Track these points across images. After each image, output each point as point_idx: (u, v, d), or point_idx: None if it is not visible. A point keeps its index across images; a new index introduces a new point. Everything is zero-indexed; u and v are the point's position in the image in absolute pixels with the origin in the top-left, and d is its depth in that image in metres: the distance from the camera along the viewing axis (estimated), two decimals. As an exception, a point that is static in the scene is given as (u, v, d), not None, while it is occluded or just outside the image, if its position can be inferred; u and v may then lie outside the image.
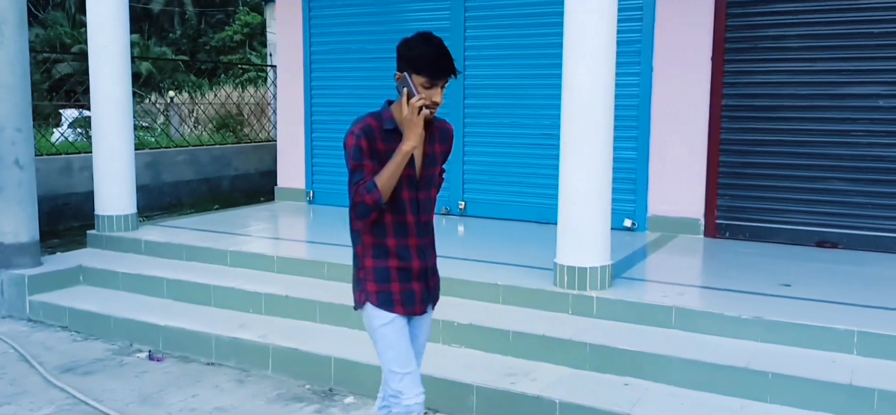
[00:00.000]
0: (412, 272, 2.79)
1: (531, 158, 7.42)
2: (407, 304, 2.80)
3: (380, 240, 2.75)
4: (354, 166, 2.65)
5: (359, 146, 2.64)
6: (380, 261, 2.76)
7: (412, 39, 2.65)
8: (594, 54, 4.65)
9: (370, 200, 2.61)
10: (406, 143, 2.61)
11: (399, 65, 2.66)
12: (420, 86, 2.61)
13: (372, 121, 2.70)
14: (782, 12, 6.30)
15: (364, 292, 2.79)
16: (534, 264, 5.43)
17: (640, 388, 4.06)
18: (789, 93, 6.34)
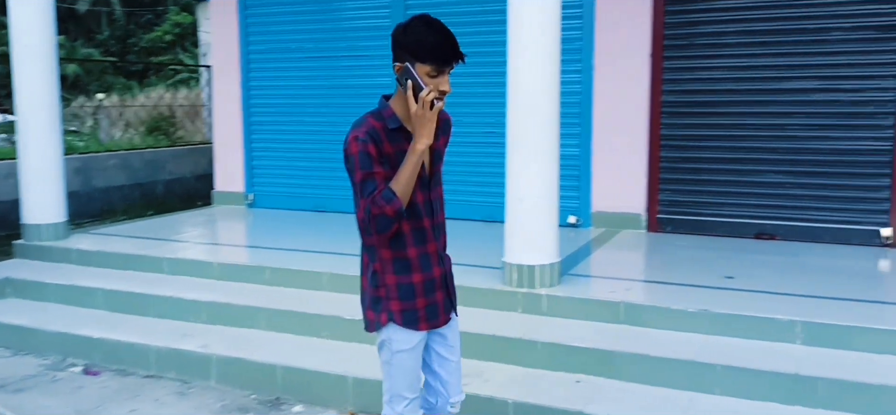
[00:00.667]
0: (435, 282, 2.57)
1: (475, 156, 7.38)
2: (431, 318, 2.57)
3: (400, 252, 2.49)
4: (364, 176, 2.35)
5: (367, 152, 2.35)
6: (403, 276, 2.50)
7: (410, 24, 2.36)
8: (539, 51, 4.64)
9: (391, 211, 2.33)
10: (419, 141, 2.34)
11: (397, 54, 2.38)
12: (425, 75, 2.34)
13: (374, 121, 2.41)
14: (719, 10, 6.42)
15: (386, 312, 2.52)
16: (482, 264, 5.39)
17: (591, 384, 4.06)
18: (727, 88, 6.47)
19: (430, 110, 2.31)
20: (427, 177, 2.51)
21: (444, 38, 2.34)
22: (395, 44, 2.39)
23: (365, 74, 7.81)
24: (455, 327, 2.72)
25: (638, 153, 6.72)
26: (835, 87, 6.14)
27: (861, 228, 6.13)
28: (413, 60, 2.34)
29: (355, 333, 4.68)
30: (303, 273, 5.44)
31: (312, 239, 6.64)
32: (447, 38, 2.35)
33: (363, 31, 7.77)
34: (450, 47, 2.34)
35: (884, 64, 5.97)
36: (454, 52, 2.35)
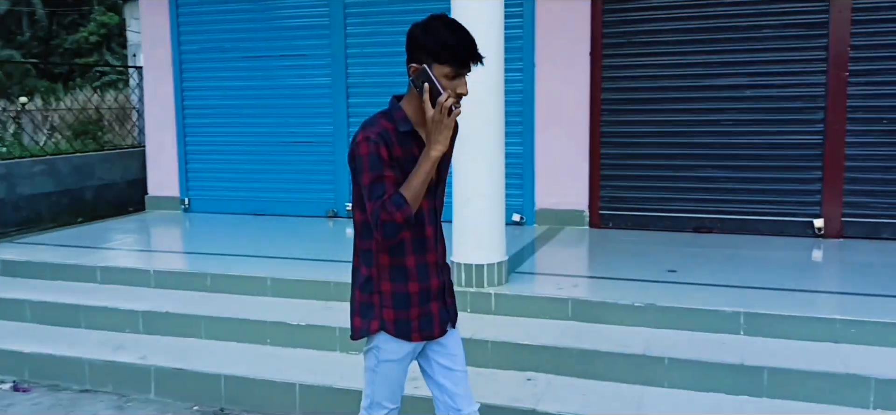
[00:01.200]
0: (432, 293, 2.45)
1: (418, 156, 7.32)
2: (424, 329, 2.45)
3: (398, 259, 2.38)
4: (373, 178, 2.23)
5: (377, 155, 2.22)
6: (398, 284, 2.39)
7: (429, 24, 2.25)
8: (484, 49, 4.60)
9: (401, 217, 2.21)
10: (434, 148, 2.22)
11: (413, 55, 2.27)
12: (442, 77, 2.23)
13: (386, 123, 2.30)
14: (655, 8, 6.54)
15: (378, 319, 2.41)
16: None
17: (542, 382, 4.06)
18: (663, 86, 6.59)
19: (447, 116, 2.21)
20: (433, 184, 2.40)
21: (466, 39, 2.25)
22: (413, 44, 2.28)
23: (303, 74, 7.67)
24: (456, 336, 2.61)
25: (580, 151, 6.79)
26: (766, 83, 6.32)
27: (795, 219, 6.33)
28: (431, 62, 2.23)
29: (302, 338, 4.59)
30: (245, 278, 5.29)
31: (253, 243, 6.47)
32: (468, 38, 2.25)
33: (301, 29, 7.63)
34: (471, 48, 2.25)
35: (812, 60, 6.17)
36: (474, 53, 2.25)
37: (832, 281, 5.37)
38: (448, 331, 2.54)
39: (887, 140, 6.08)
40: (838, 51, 6.09)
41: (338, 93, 7.54)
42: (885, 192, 6.11)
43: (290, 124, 7.79)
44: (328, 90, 7.59)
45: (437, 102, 2.20)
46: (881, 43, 5.99)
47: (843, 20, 6.05)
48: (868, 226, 6.17)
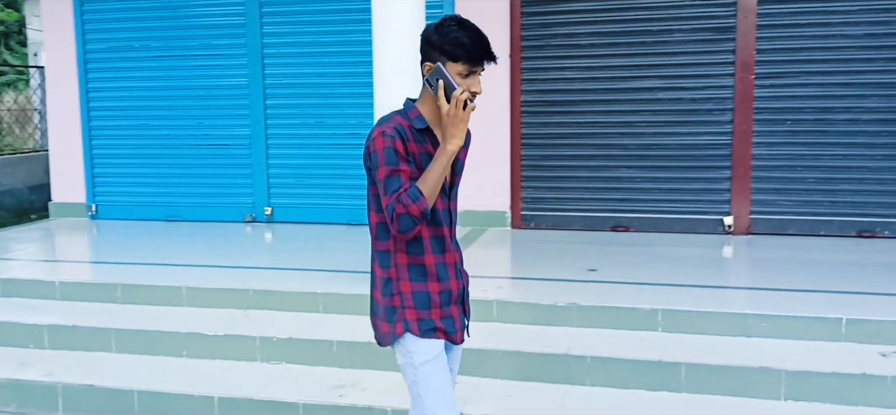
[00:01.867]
0: (452, 295, 2.42)
1: (340, 158, 7.23)
2: (448, 331, 2.42)
3: (417, 259, 2.35)
4: (390, 172, 2.23)
5: (394, 148, 2.23)
6: (418, 284, 2.36)
7: (444, 24, 2.29)
8: (405, 48, 4.58)
9: (416, 210, 2.20)
10: (451, 142, 2.23)
11: (428, 54, 2.31)
12: (457, 75, 2.26)
13: (401, 119, 2.32)
14: (572, 12, 6.65)
15: (402, 322, 2.36)
16: (353, 269, 5.27)
17: (468, 385, 4.05)
18: (581, 88, 6.72)
19: (462, 110, 2.22)
20: (447, 185, 2.41)
21: (480, 37, 2.29)
22: (427, 44, 2.32)
23: (218, 75, 7.45)
24: (459, 353, 2.60)
25: (501, 152, 6.84)
26: (678, 86, 6.53)
27: (706, 217, 6.56)
28: (445, 60, 2.27)
29: (221, 349, 4.44)
30: (158, 288, 5.08)
31: (167, 251, 6.24)
32: (482, 37, 2.29)
33: (215, 28, 7.40)
34: (485, 46, 2.29)
35: (722, 63, 6.42)
36: (488, 51, 2.29)
37: (743, 277, 5.58)
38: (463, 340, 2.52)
39: (791, 140, 6.37)
40: (745, 55, 6.35)
41: (254, 93, 7.36)
42: (790, 189, 6.41)
43: (205, 126, 7.55)
44: (244, 91, 7.40)
45: (453, 96, 2.21)
46: (785, 47, 6.28)
47: (749, 25, 6.31)
48: (775, 222, 6.45)
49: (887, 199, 6.24)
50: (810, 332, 4.16)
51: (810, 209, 6.41)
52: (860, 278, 4.99)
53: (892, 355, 3.91)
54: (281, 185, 7.45)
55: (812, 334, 4.15)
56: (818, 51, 6.25)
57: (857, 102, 6.23)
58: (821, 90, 6.28)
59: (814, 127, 6.33)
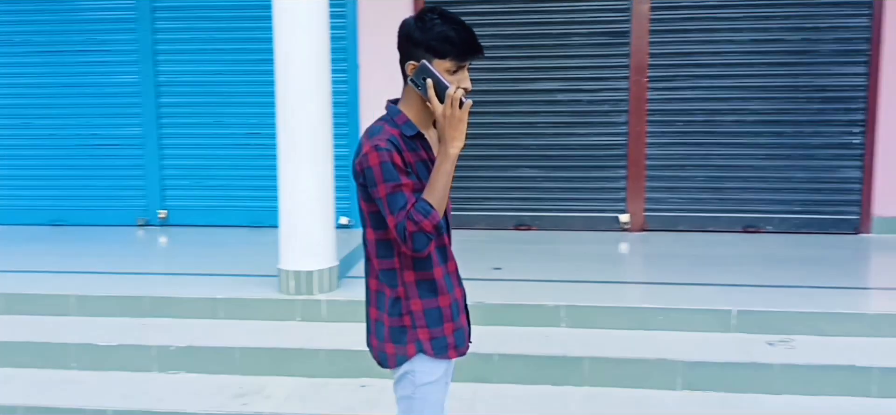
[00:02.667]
0: (459, 304, 2.28)
1: (239, 159, 7.03)
2: (459, 345, 2.28)
3: (425, 274, 2.18)
4: (392, 189, 2.04)
5: (391, 162, 2.04)
6: (429, 300, 2.19)
7: (425, 18, 2.09)
8: (310, 47, 4.50)
9: (429, 225, 2.02)
10: (452, 145, 2.05)
11: (410, 52, 2.11)
12: (445, 72, 2.08)
13: (390, 128, 2.11)
14: (474, 13, 6.70)
15: (414, 343, 2.19)
16: (253, 273, 5.14)
17: (376, 388, 4.02)
18: (483, 89, 6.75)
19: (459, 109, 2.05)
20: None
21: (466, 29, 2.11)
22: (408, 41, 2.12)
23: (106, 71, 7.10)
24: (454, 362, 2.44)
25: (405, 152, 6.81)
26: (576, 88, 6.71)
27: (604, 215, 6.77)
28: (430, 57, 2.08)
29: (114, 360, 4.22)
30: (44, 297, 4.78)
31: (52, 257, 5.89)
32: (468, 29, 2.11)
33: (103, 23, 7.04)
34: (472, 38, 2.11)
35: (617, 67, 6.64)
36: (476, 43, 2.11)
37: (640, 272, 5.79)
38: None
39: (682, 141, 6.67)
40: (639, 58, 6.59)
41: (146, 91, 7.05)
42: (681, 188, 6.71)
43: (93, 125, 7.17)
44: (135, 88, 7.07)
45: (447, 96, 2.04)
46: (675, 52, 6.56)
47: (642, 30, 6.56)
48: (667, 219, 6.73)
49: (770, 195, 6.63)
50: (703, 324, 4.36)
51: (700, 206, 6.73)
52: (747, 272, 5.28)
53: (779, 343, 4.15)
54: (176, 186, 7.16)
55: (705, 325, 4.36)
56: (706, 56, 6.56)
57: (742, 104, 6.59)
58: (709, 93, 6.60)
59: (702, 128, 6.65)
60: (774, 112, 6.57)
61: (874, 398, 3.79)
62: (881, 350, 4.01)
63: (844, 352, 4.00)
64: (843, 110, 6.49)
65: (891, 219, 6.43)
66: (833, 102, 6.49)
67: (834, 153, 6.55)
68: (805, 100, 6.53)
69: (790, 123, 6.57)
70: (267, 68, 6.73)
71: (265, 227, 6.99)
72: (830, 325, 4.25)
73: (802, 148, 6.58)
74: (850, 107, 6.48)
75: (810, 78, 6.49)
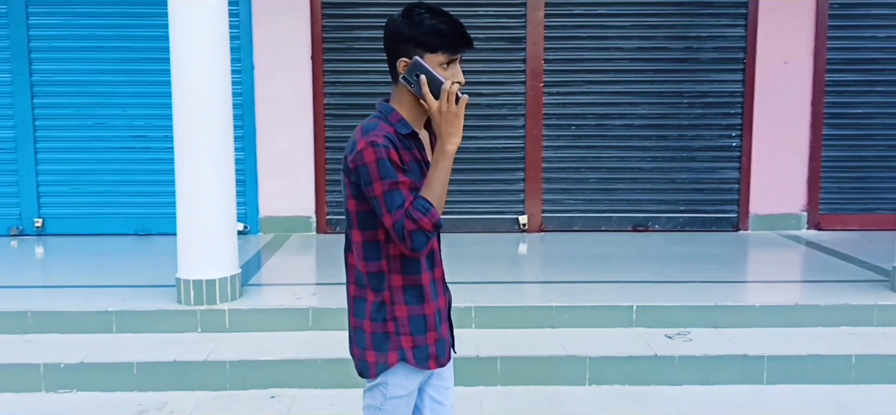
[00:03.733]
0: (442, 313, 2.19)
1: (123, 163, 6.66)
2: (440, 355, 2.17)
3: (412, 278, 2.09)
4: (388, 187, 1.96)
5: (388, 159, 1.96)
6: (414, 307, 2.10)
7: (412, 14, 2.03)
8: (209, 43, 4.31)
9: (429, 223, 1.95)
10: (449, 141, 1.99)
11: (399, 50, 2.04)
12: (437, 67, 2.01)
13: (387, 126, 2.03)
14: (374, 16, 6.66)
15: (396, 350, 2.09)
16: (147, 283, 4.88)
17: (287, 397, 3.91)
18: (384, 91, 6.70)
19: (455, 104, 1.97)
20: None
21: (456, 22, 2.03)
22: (397, 39, 2.05)
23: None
24: (450, 367, 2.34)
25: (304, 156, 6.68)
26: (476, 92, 6.77)
27: (504, 217, 6.89)
28: (422, 53, 2.00)
29: (-4, 382, 3.88)
30: None
31: (-87, 272, 5.34)
32: (457, 21, 2.04)
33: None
34: (463, 30, 2.04)
35: (514, 71, 6.78)
36: (466, 35, 2.04)
37: (544, 272, 5.89)
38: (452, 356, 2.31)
39: (576, 144, 6.89)
40: (535, 64, 6.75)
41: (20, 91, 6.55)
42: (575, 189, 6.93)
43: (-41, 128, 6.60)
44: (7, 88, 6.56)
45: (442, 91, 1.97)
46: (569, 58, 6.76)
47: (538, 36, 6.72)
48: (563, 220, 6.93)
49: (657, 196, 6.96)
50: (606, 320, 4.51)
51: (593, 207, 6.97)
52: (642, 269, 5.50)
53: (676, 336, 4.35)
54: (54, 193, 6.69)
55: (608, 321, 4.51)
56: (597, 62, 6.81)
57: (630, 109, 6.88)
58: (600, 98, 6.85)
59: (595, 131, 6.90)
60: (660, 116, 6.91)
61: (765, 385, 4.04)
62: (769, 339, 4.27)
63: (737, 342, 4.25)
64: (722, 115, 6.91)
65: (766, 216, 6.91)
66: (713, 107, 6.90)
67: (714, 156, 6.95)
68: (687, 105, 6.90)
69: (674, 127, 6.92)
70: (153, 68, 6.49)
71: (152, 234, 6.67)
72: (722, 317, 4.50)
73: (686, 151, 6.95)
74: (728, 112, 6.90)
75: (692, 84, 6.87)
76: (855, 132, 6.90)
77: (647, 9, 6.78)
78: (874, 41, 6.80)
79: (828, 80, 6.82)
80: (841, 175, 6.96)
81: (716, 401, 3.89)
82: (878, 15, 6.76)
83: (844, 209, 6.98)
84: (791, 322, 4.48)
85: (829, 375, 4.05)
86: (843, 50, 6.79)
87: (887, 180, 6.89)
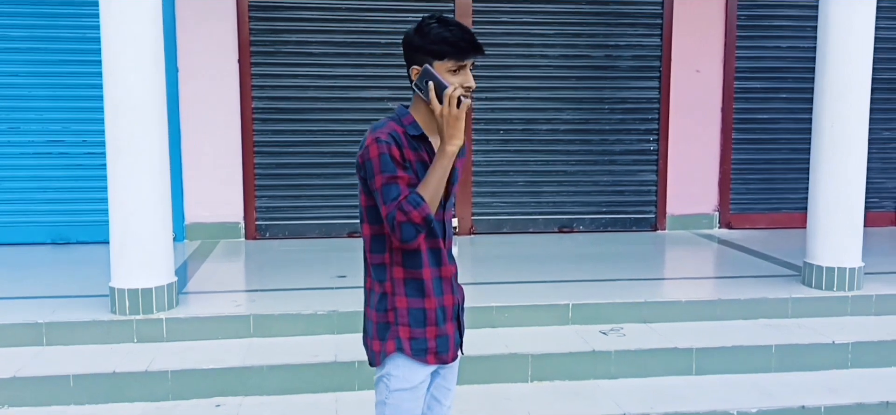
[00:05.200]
0: (447, 311, 2.25)
1: (39, 169, 6.38)
2: (440, 351, 2.24)
3: (413, 272, 2.18)
4: (387, 179, 2.08)
5: (390, 155, 2.08)
6: (414, 300, 2.19)
7: (424, 25, 2.16)
8: (145, 46, 4.21)
9: (418, 216, 2.06)
10: (450, 142, 2.09)
11: (413, 59, 2.18)
12: (446, 73, 2.13)
13: (396, 126, 2.16)
14: (303, 20, 6.63)
15: (394, 339, 2.19)
16: (75, 293, 4.71)
17: (232, 405, 3.87)
18: (313, 96, 6.73)
19: (458, 108, 2.09)
20: (443, 197, 2.22)
21: (463, 29, 2.17)
22: (410, 49, 2.20)
23: None
24: (456, 368, 2.39)
25: (231, 160, 6.57)
26: (404, 97, 6.79)
27: (434, 220, 6.96)
28: (432, 60, 2.15)
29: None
30: None
31: None
32: (465, 29, 2.18)
33: None
34: (471, 37, 2.17)
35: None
36: (475, 43, 2.16)
37: (478, 273, 5.97)
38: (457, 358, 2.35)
39: (504, 148, 7.06)
40: (463, 69, 6.86)
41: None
42: (504, 192, 7.10)
43: None
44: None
45: (445, 95, 2.09)
46: (496, 64, 6.90)
47: (466, 42, 6.84)
48: (492, 222, 7.09)
49: (581, 198, 7.22)
50: (543, 318, 4.66)
51: (520, 210, 7.16)
52: (571, 268, 5.71)
53: (610, 332, 4.54)
54: (-38, 201, 6.34)
55: (545, 319, 4.66)
56: (523, 68, 7.00)
57: (556, 115, 7.10)
58: (526, 103, 7.05)
59: (521, 136, 7.08)
60: (582, 122, 7.16)
61: (695, 375, 4.28)
62: (696, 332, 4.53)
63: (666, 336, 4.48)
64: (640, 120, 7.23)
65: (681, 217, 7.27)
66: (632, 113, 7.21)
67: (633, 159, 7.27)
68: (608, 111, 7.19)
69: (596, 132, 7.20)
70: (69, 70, 6.27)
71: (71, 243, 6.42)
72: (652, 312, 4.73)
73: (607, 155, 7.23)
74: (646, 117, 7.22)
75: (613, 91, 7.16)
76: (762, 136, 7.37)
77: (569, 18, 7.02)
78: (779, 51, 7.27)
79: (736, 87, 7.25)
80: (749, 177, 7.42)
81: (650, 393, 4.09)
82: (782, 26, 7.24)
83: (753, 209, 7.44)
84: (714, 316, 4.76)
85: (752, 364, 4.32)
86: (751, 58, 7.24)
87: (792, 181, 7.36)
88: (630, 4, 7.08)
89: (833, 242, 4.94)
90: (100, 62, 4.26)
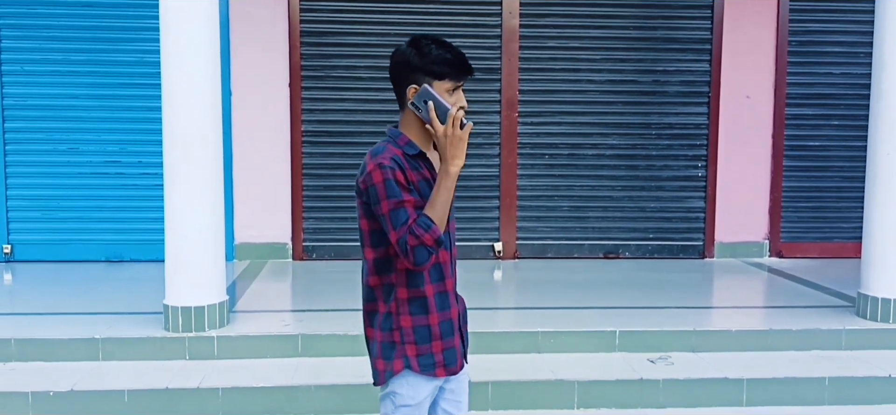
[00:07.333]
0: (452, 324, 2.29)
1: (96, 188, 6.58)
2: (449, 363, 2.28)
3: (416, 291, 2.21)
4: (395, 204, 2.11)
5: (394, 179, 2.11)
6: (419, 318, 2.22)
7: (421, 44, 2.18)
8: (201, 73, 4.34)
9: (430, 239, 2.09)
10: (453, 163, 2.12)
11: (409, 78, 2.19)
12: (444, 93, 2.16)
13: (393, 148, 2.19)
14: (351, 44, 6.75)
15: (401, 358, 2.22)
16: (130, 310, 4.83)
17: (283, 425, 3.91)
18: (360, 119, 6.82)
19: (460, 129, 2.12)
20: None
21: (459, 52, 2.21)
22: (406, 68, 2.20)
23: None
24: (464, 378, 2.42)
25: (281, 182, 6.69)
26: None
27: (479, 244, 6.99)
28: (430, 80, 2.16)
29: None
30: None
31: None
32: (460, 51, 2.22)
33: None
34: (466, 59, 2.21)
35: (490, 102, 6.91)
36: (468, 64, 2.21)
37: (523, 298, 6.01)
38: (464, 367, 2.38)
39: (549, 173, 7.05)
40: (510, 95, 6.91)
41: (-10, 116, 6.44)
42: (549, 217, 7.08)
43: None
44: None
45: (449, 116, 2.12)
46: (543, 89, 6.95)
47: (512, 68, 6.89)
48: (537, 247, 7.07)
49: (627, 224, 7.16)
50: (590, 345, 4.63)
51: (566, 234, 7.13)
52: (618, 295, 5.66)
53: (658, 360, 4.49)
54: (24, 219, 6.56)
55: (591, 346, 4.63)
56: (570, 93, 7.00)
57: (601, 140, 7.08)
58: (572, 128, 7.04)
59: (567, 161, 7.07)
60: (629, 147, 7.12)
61: (745, 407, 4.20)
62: (747, 363, 4.44)
63: (716, 365, 4.41)
64: (688, 146, 7.15)
65: (730, 244, 7.16)
66: (679, 139, 7.14)
67: (681, 185, 7.19)
68: (655, 136, 7.13)
69: (643, 158, 7.14)
70: (127, 93, 6.48)
71: (125, 261, 6.59)
72: (701, 341, 4.66)
73: (654, 180, 7.17)
74: (694, 143, 7.15)
75: (660, 116, 7.11)
76: (814, 164, 7.23)
77: (616, 43, 7.01)
78: (830, 78, 7.15)
79: (788, 113, 7.14)
80: (800, 205, 7.27)
81: (699, 423, 4.03)
82: (834, 52, 7.12)
83: (804, 238, 7.29)
84: (765, 346, 4.67)
85: (804, 397, 4.23)
86: (802, 85, 7.13)
87: (845, 210, 7.20)
88: (678, 30, 7.04)
89: (889, 273, 4.82)
90: (156, 85, 4.41)
